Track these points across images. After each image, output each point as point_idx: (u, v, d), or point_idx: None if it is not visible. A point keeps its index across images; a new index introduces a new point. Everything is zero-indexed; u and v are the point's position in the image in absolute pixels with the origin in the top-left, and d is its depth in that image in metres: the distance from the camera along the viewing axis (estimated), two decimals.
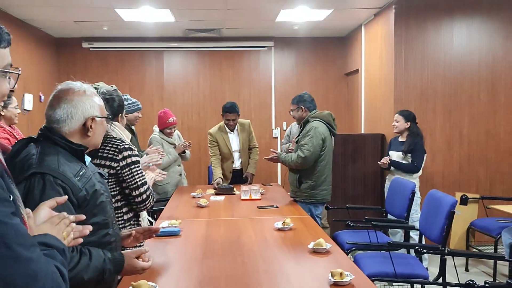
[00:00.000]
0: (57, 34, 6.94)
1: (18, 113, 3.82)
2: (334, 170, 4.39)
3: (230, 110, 4.76)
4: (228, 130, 4.87)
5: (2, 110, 3.63)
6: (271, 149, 4.31)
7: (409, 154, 4.52)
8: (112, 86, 2.76)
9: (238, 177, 5.00)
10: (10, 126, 3.77)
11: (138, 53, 7.34)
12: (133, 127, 4.26)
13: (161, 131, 4.75)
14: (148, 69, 7.38)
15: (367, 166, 5.55)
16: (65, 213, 1.19)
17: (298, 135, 4.08)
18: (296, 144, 4.11)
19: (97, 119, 1.69)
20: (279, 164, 7.24)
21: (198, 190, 4.56)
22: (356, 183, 5.57)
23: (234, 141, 4.92)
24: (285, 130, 7.29)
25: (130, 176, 2.28)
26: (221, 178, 4.65)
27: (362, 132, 6.44)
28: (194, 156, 7.10)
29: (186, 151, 4.93)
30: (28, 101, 5.58)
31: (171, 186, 4.81)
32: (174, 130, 4.79)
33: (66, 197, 1.28)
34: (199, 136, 7.36)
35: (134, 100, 4.18)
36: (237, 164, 4.97)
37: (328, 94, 7.53)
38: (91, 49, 7.25)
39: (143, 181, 2.33)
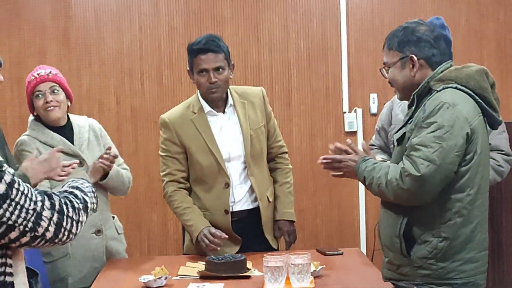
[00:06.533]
0: None
1: None
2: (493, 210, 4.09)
3: (204, 49, 4.18)
4: (208, 107, 4.31)
5: None
6: (336, 145, 3.68)
7: None
8: None
9: (247, 231, 4.36)
10: None
11: None
12: None
13: (36, 118, 4.25)
14: None
15: None
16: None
17: (405, 124, 3.57)
18: (397, 145, 3.55)
19: None
20: (360, 190, 6.44)
21: (157, 268, 3.86)
22: None
23: (228, 133, 4.34)
24: (374, 115, 6.61)
25: None
26: (209, 227, 4.18)
27: None
28: (149, 181, 6.13)
29: (112, 167, 4.21)
30: None
31: (81, 261, 4.15)
32: (53, 107, 4.12)
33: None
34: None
35: None
36: (239, 194, 4.34)
37: (479, 25, 6.47)
38: None
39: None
